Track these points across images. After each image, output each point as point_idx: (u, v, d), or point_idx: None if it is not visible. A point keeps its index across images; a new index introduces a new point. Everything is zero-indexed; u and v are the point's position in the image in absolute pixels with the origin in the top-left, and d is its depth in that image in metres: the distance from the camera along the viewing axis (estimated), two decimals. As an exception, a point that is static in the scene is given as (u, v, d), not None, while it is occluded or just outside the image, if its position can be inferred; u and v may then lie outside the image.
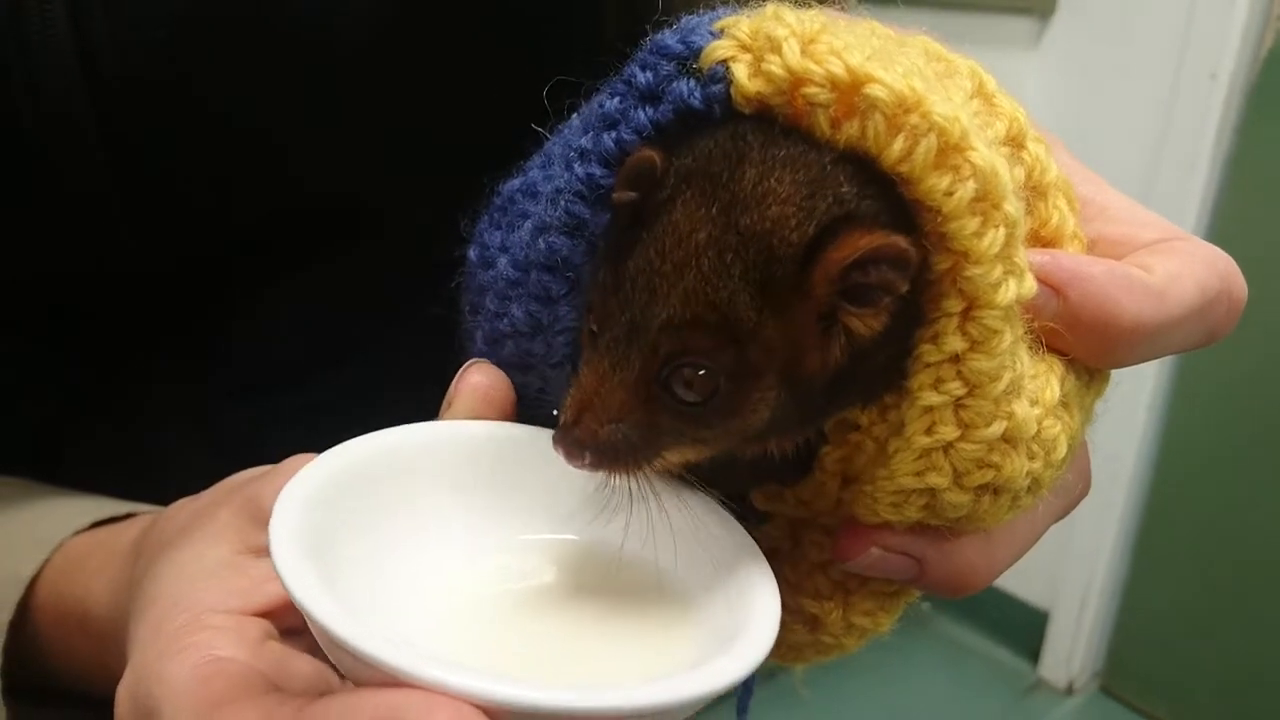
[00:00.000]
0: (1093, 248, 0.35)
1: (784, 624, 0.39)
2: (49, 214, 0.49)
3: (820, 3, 0.41)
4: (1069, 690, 2.31)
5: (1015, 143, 0.34)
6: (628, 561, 0.35)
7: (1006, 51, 2.15)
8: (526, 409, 0.39)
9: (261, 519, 0.36)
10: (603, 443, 0.31)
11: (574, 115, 0.38)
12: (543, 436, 0.36)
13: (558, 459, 0.32)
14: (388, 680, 0.26)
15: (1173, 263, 0.34)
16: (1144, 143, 2.01)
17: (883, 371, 0.34)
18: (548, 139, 0.39)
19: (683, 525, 0.35)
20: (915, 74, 0.31)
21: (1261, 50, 1.90)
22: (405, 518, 0.35)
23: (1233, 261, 0.35)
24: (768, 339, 0.30)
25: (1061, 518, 0.38)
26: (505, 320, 0.38)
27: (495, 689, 0.25)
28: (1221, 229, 1.98)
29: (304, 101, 0.52)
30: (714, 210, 0.31)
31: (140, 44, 0.47)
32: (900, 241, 0.29)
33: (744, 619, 0.31)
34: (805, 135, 0.31)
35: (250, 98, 0.50)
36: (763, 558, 0.34)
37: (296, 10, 0.49)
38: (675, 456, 0.33)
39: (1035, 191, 0.34)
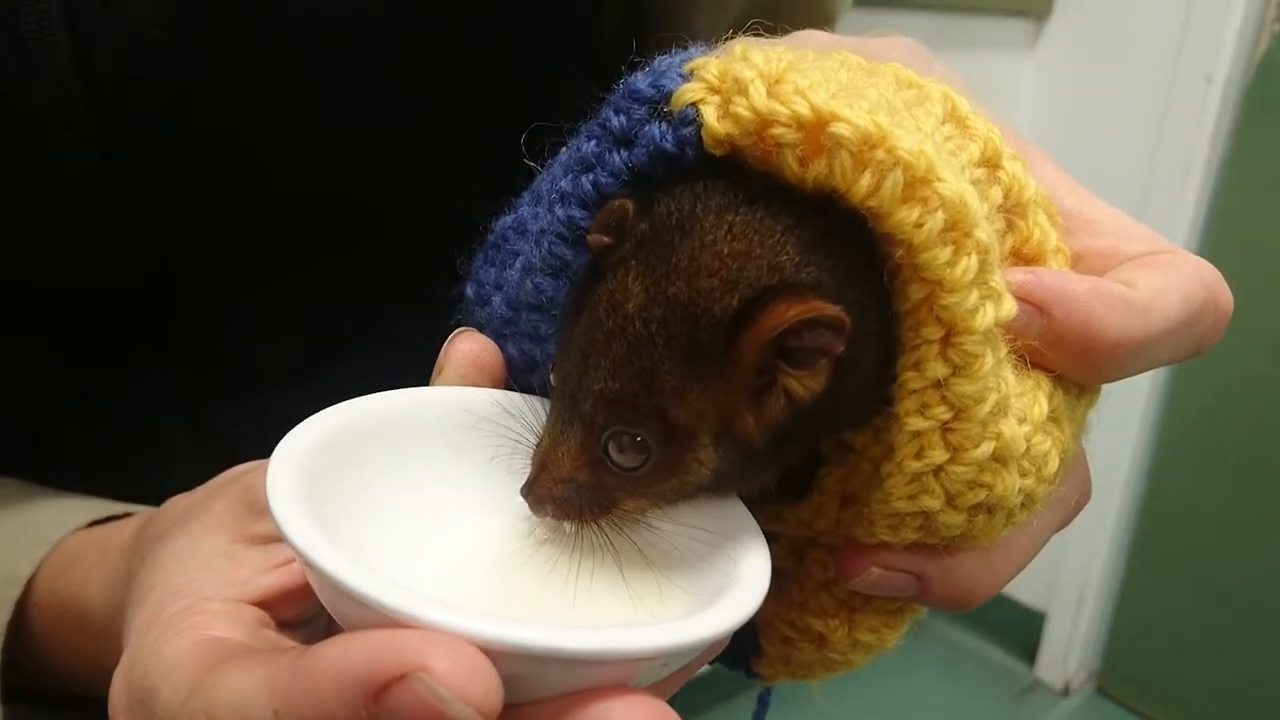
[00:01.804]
0: (1078, 261, 0.35)
1: (791, 642, 0.40)
2: (43, 213, 0.49)
3: (805, 25, 0.41)
4: (1065, 691, 2.31)
5: (991, 164, 0.34)
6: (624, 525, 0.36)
7: (1002, 54, 2.15)
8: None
9: (257, 509, 0.36)
10: (559, 499, 0.33)
11: (561, 150, 0.38)
12: (534, 403, 0.37)
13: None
14: (387, 623, 0.25)
15: (1157, 277, 0.34)
16: (1140, 145, 2.01)
17: (836, 422, 0.34)
18: (539, 172, 0.40)
19: None
20: (882, 108, 0.31)
21: (1256, 53, 1.90)
22: (397, 480, 0.35)
23: (1218, 272, 0.35)
24: (694, 405, 0.31)
25: (1061, 528, 0.38)
26: (503, 357, 0.39)
27: (492, 629, 0.25)
28: (1217, 232, 1.98)
29: (302, 101, 0.52)
30: (647, 281, 0.31)
31: (136, 43, 0.46)
32: (828, 309, 0.29)
33: (734, 579, 0.31)
34: (774, 193, 0.31)
35: (247, 97, 0.50)
36: (755, 524, 0.34)
37: (295, 10, 0.49)
38: (630, 509, 0.34)
39: (1015, 209, 0.34)
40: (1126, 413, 2.09)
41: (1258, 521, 2.01)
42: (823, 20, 0.64)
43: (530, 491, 0.33)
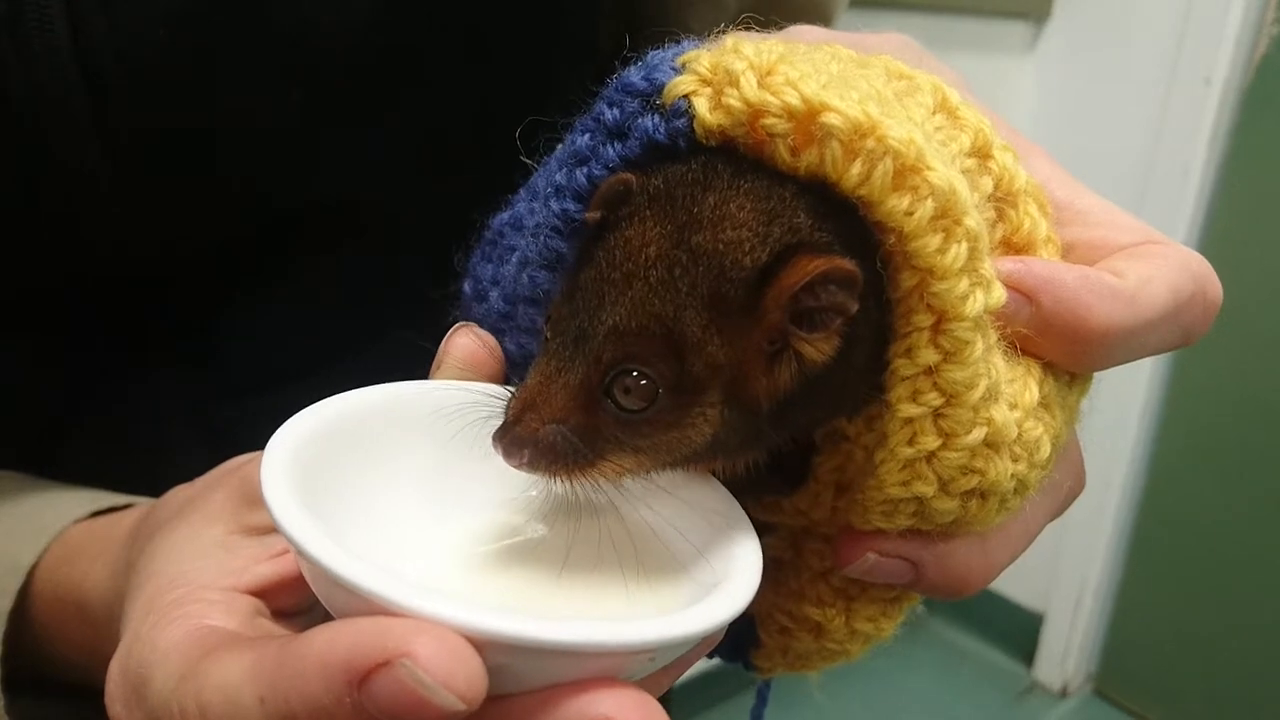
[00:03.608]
0: (1069, 252, 0.36)
1: (789, 632, 0.40)
2: (46, 213, 0.49)
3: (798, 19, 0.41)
4: (1063, 693, 2.31)
5: (981, 153, 0.35)
6: (615, 519, 0.36)
7: (1002, 56, 2.15)
8: None
9: (254, 500, 0.37)
10: (542, 442, 0.31)
11: (557, 146, 0.39)
12: None
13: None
14: (375, 611, 0.26)
15: (1145, 266, 0.34)
16: (1139, 147, 2.02)
17: (836, 401, 0.34)
18: (535, 169, 0.40)
19: (669, 485, 0.35)
20: (872, 98, 0.31)
21: (1255, 55, 1.91)
22: (392, 472, 0.36)
23: (1207, 263, 0.36)
24: (712, 356, 0.31)
25: (1056, 516, 0.38)
26: (501, 351, 0.39)
27: (478, 619, 0.25)
28: (1215, 233, 1.98)
29: (303, 101, 0.52)
30: (669, 228, 0.31)
31: (139, 44, 0.46)
32: (846, 264, 0.30)
33: (727, 571, 0.31)
34: (773, 170, 0.32)
35: (248, 97, 0.50)
36: (747, 520, 0.35)
37: (297, 12, 0.49)
38: (615, 465, 0.33)
39: (1005, 199, 0.35)
40: (1125, 414, 2.09)
41: (1256, 523, 2.01)
42: (819, 20, 0.64)
43: (507, 434, 0.32)
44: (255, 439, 0.41)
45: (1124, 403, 2.08)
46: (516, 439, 0.32)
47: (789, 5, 0.63)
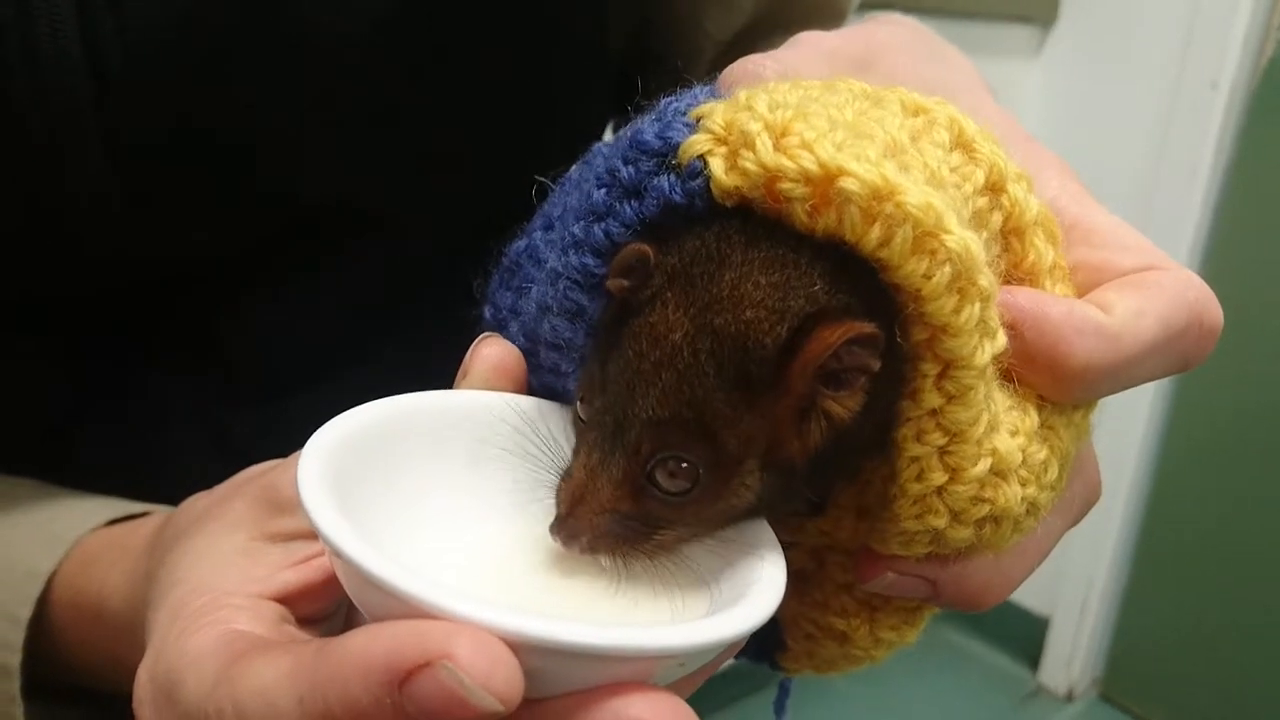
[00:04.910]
0: (1073, 274, 0.36)
1: (815, 639, 0.41)
2: (53, 215, 0.49)
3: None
4: (1069, 697, 2.31)
5: (995, 189, 0.35)
6: None
7: (1008, 60, 2.15)
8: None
9: (277, 506, 0.37)
10: (598, 530, 0.33)
11: (573, 169, 0.38)
12: (556, 409, 0.38)
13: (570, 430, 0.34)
14: (413, 614, 0.26)
15: (1137, 299, 0.34)
16: (1145, 151, 2.02)
17: (865, 445, 0.35)
18: (552, 189, 0.40)
19: None
20: (889, 151, 0.31)
21: (1261, 59, 1.91)
22: (422, 480, 0.36)
23: (1206, 290, 0.35)
24: (746, 431, 0.32)
25: (1071, 527, 0.39)
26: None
27: (516, 622, 0.25)
28: (1221, 237, 1.98)
29: (311, 104, 0.52)
30: (691, 312, 0.32)
31: (147, 45, 0.47)
32: (865, 326, 0.30)
33: (751, 584, 0.32)
34: (789, 231, 0.32)
35: (257, 100, 0.50)
36: (772, 534, 0.35)
37: (303, 14, 0.49)
38: (670, 538, 0.34)
39: (1014, 232, 0.35)
40: (1131, 418, 2.09)
41: (1263, 527, 2.01)
42: (832, 18, 0.65)
43: (563, 527, 0.33)
44: (261, 442, 0.41)
45: (1129, 407, 2.08)
46: (573, 531, 0.33)
47: (801, 5, 0.63)
